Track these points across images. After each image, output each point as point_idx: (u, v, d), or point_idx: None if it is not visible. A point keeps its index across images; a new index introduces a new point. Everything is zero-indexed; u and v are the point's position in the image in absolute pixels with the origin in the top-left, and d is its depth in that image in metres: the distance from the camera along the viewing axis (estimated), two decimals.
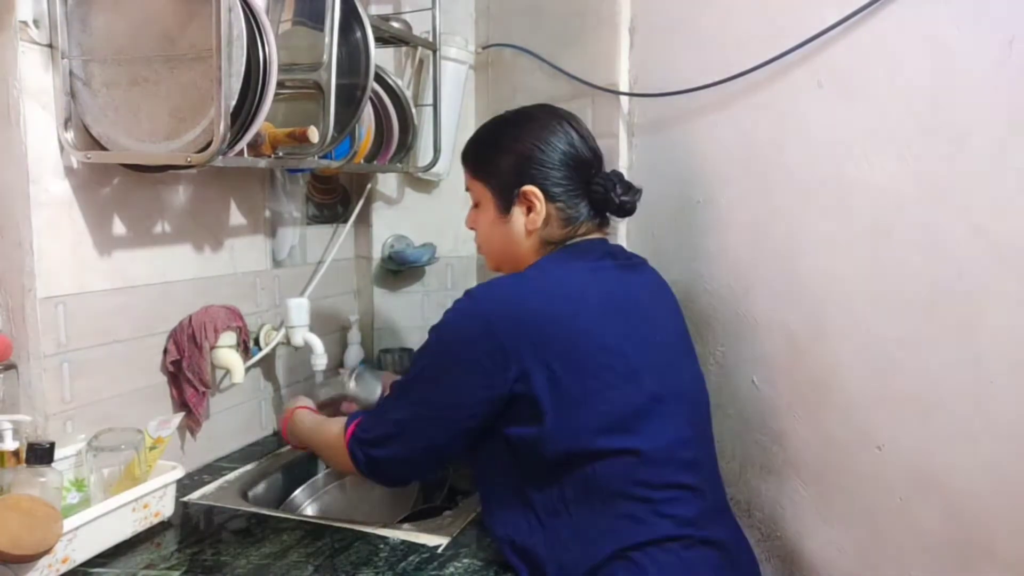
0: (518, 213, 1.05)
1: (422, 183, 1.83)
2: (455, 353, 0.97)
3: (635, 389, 0.95)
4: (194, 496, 1.26)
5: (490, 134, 1.10)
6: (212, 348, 1.31)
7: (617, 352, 0.95)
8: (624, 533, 0.91)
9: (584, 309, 0.96)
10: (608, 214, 1.08)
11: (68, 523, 0.95)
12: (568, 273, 0.99)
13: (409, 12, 1.69)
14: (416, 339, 1.87)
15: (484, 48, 1.78)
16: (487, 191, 1.08)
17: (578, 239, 1.05)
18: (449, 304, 1.02)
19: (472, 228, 1.15)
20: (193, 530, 1.15)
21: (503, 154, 1.05)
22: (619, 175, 1.06)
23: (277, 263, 1.57)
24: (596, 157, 1.07)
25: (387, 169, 1.69)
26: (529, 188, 1.03)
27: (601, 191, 1.03)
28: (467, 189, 1.13)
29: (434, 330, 1.01)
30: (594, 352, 0.94)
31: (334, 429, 1.09)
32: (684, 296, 1.27)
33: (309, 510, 1.44)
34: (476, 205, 1.12)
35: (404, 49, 1.75)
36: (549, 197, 1.03)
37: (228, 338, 1.34)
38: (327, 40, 1.19)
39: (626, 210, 1.05)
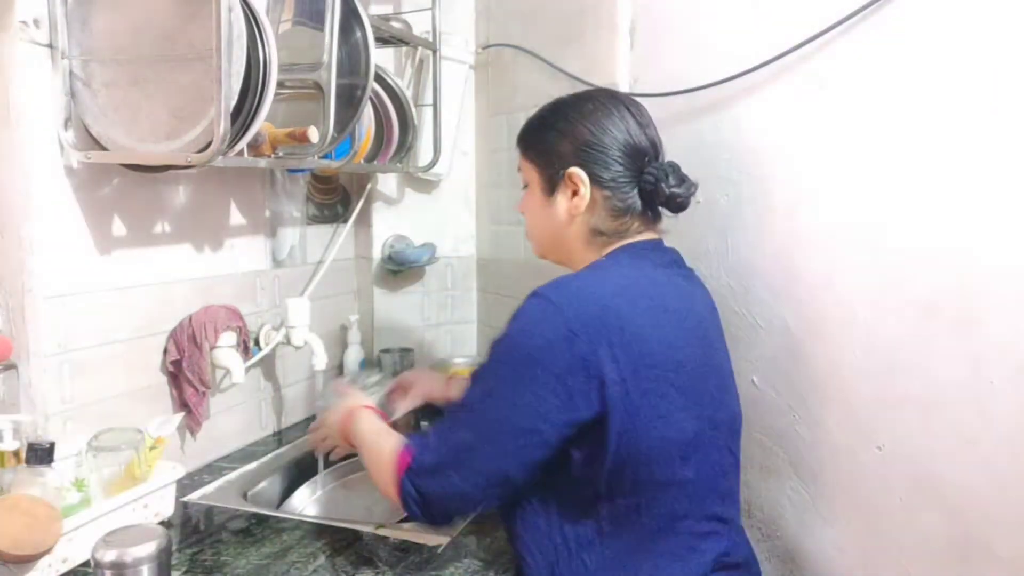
0: (561, 197, 0.98)
1: (422, 183, 1.83)
2: (532, 366, 0.84)
3: (699, 414, 0.89)
4: (194, 496, 1.26)
5: (545, 114, 1.03)
6: (212, 348, 1.31)
7: (689, 373, 0.88)
8: (665, 573, 0.88)
9: (664, 321, 0.88)
10: (660, 208, 0.99)
11: (68, 523, 0.95)
12: (644, 278, 0.92)
13: (409, 12, 1.69)
14: (416, 339, 1.87)
15: (484, 48, 1.78)
16: (535, 172, 1.02)
17: (638, 238, 0.98)
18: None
19: (522, 212, 1.07)
20: (193, 530, 1.15)
21: (554, 134, 0.99)
22: (674, 166, 0.97)
23: (277, 263, 1.57)
24: (653, 146, 0.99)
25: (387, 169, 1.69)
26: (574, 170, 0.96)
27: (652, 180, 0.95)
28: (519, 170, 1.06)
29: (503, 341, 0.89)
30: (669, 368, 0.86)
31: (388, 446, 0.95)
32: None
33: (309, 510, 1.43)
34: (526, 187, 1.06)
35: (404, 49, 1.75)
36: (596, 182, 0.96)
37: (228, 338, 1.34)
38: (327, 40, 1.19)
39: (676, 203, 0.96)
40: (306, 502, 1.45)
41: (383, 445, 0.97)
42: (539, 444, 0.86)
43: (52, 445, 0.99)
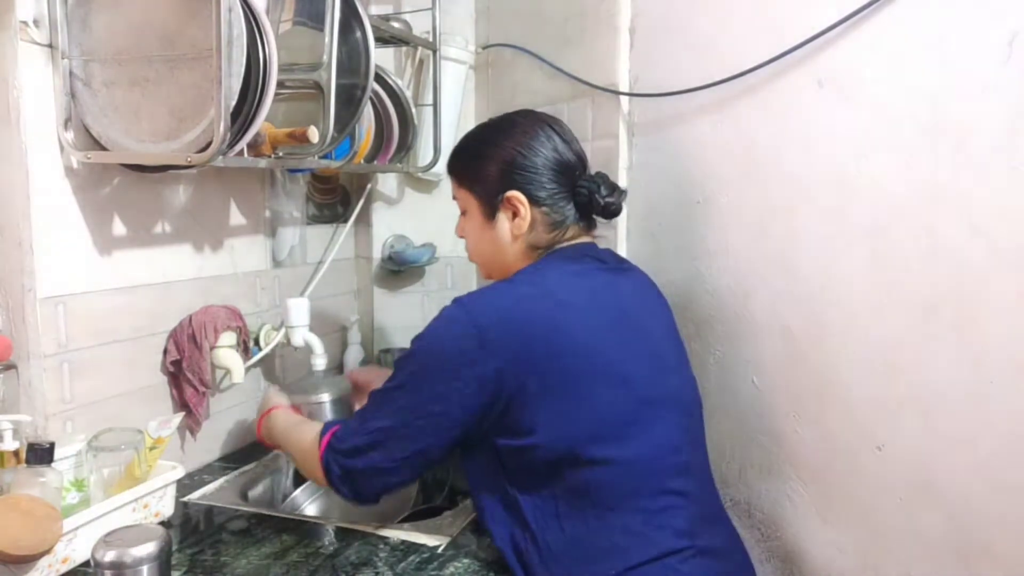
0: (503, 219, 1.05)
1: (422, 183, 1.83)
2: (444, 361, 0.94)
3: (625, 395, 0.94)
4: (194, 496, 1.26)
5: (473, 142, 1.10)
6: (212, 348, 1.31)
7: (607, 358, 0.94)
8: (624, 552, 0.90)
9: (574, 315, 0.94)
10: (595, 216, 1.07)
11: (68, 523, 0.95)
12: (558, 278, 0.98)
13: (409, 12, 1.69)
14: None
15: (484, 48, 1.78)
16: (472, 198, 1.08)
17: (566, 243, 1.05)
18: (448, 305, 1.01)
19: (461, 236, 1.15)
20: (193, 530, 1.15)
21: (486, 161, 1.05)
22: (604, 177, 1.05)
23: (277, 263, 1.57)
24: (580, 160, 1.06)
25: (387, 169, 1.69)
26: (513, 193, 1.02)
27: (586, 193, 1.03)
28: (454, 198, 1.12)
29: (420, 338, 0.99)
30: (584, 359, 0.92)
31: (309, 435, 1.05)
32: (684, 296, 1.27)
33: (309, 510, 1.44)
34: (464, 213, 1.12)
35: (404, 49, 1.75)
36: (534, 201, 1.03)
37: (228, 338, 1.34)
38: (327, 40, 1.19)
39: (611, 211, 1.04)
40: (306, 502, 1.45)
41: (304, 434, 1.06)
42: (450, 426, 0.94)
43: (52, 445, 0.99)
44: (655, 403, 0.96)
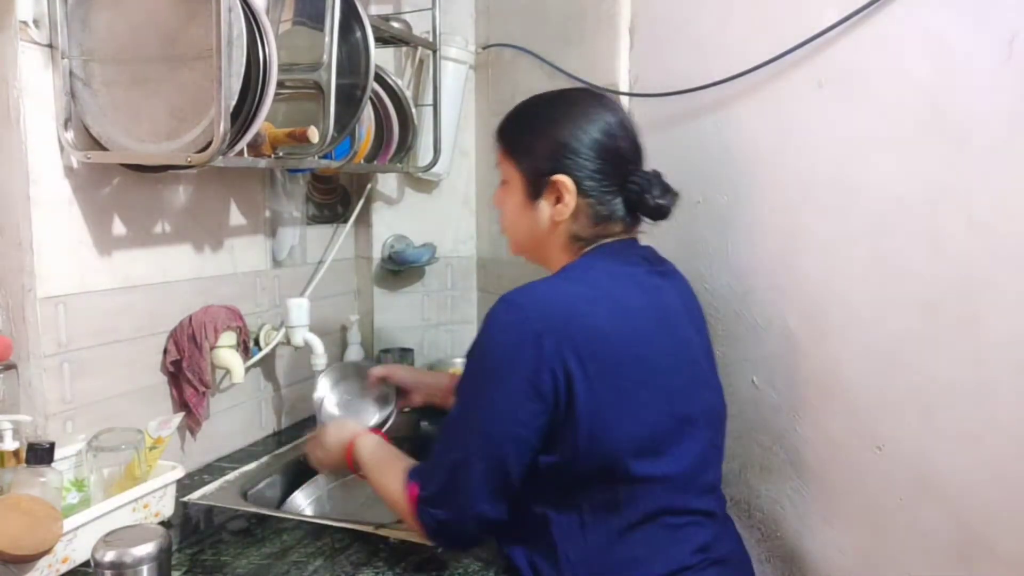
0: (545, 202, 0.97)
1: (422, 183, 1.83)
2: (504, 372, 0.86)
3: (667, 411, 0.89)
4: (194, 496, 1.26)
5: (528, 112, 1.01)
6: (212, 348, 1.31)
7: (654, 370, 0.89)
8: (643, 564, 0.88)
9: (628, 323, 0.89)
10: (641, 215, 1.00)
11: (68, 523, 0.95)
12: (611, 280, 0.92)
13: (409, 12, 1.69)
14: (416, 339, 1.87)
15: (484, 48, 1.78)
16: (516, 173, 1.00)
17: (610, 239, 0.98)
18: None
19: (498, 206, 1.06)
20: (193, 530, 1.15)
21: (537, 136, 0.97)
22: (658, 175, 0.97)
23: (277, 263, 1.57)
24: (637, 152, 0.99)
25: (387, 169, 1.69)
26: (560, 178, 0.94)
27: (637, 190, 0.95)
28: (497, 165, 1.04)
29: (475, 350, 0.90)
30: (634, 370, 0.87)
31: (395, 482, 0.96)
32: None
33: (309, 510, 1.44)
34: (504, 183, 1.03)
35: (404, 49, 1.75)
36: (581, 190, 0.95)
37: (228, 338, 1.34)
38: (327, 40, 1.19)
39: (661, 213, 0.96)
40: (306, 502, 1.45)
41: (389, 480, 0.98)
42: (526, 449, 0.87)
43: (52, 445, 0.99)
44: (691, 420, 0.92)
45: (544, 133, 0.97)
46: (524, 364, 0.84)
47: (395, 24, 1.58)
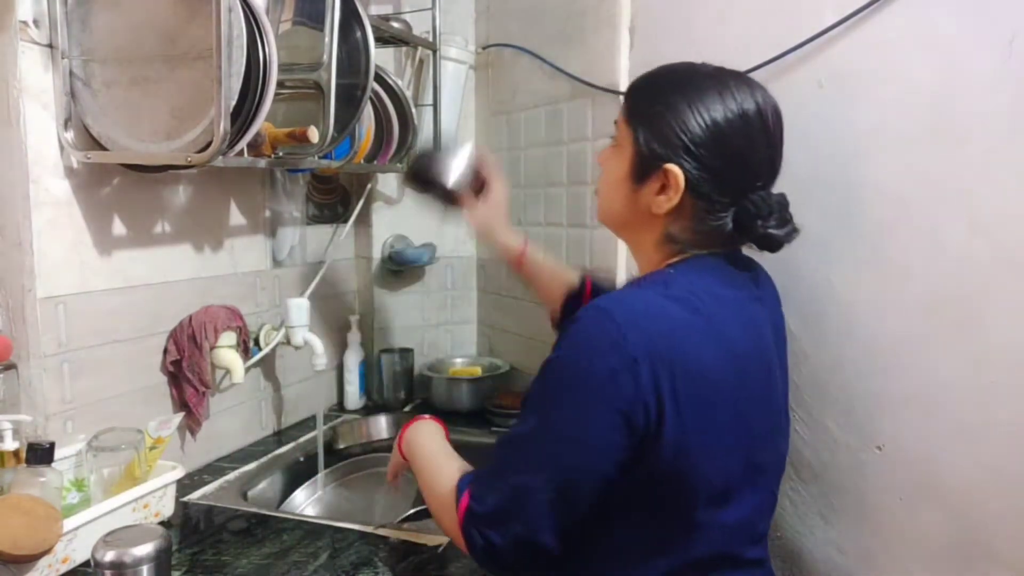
0: (649, 188, 0.85)
1: None
2: (594, 398, 0.75)
3: (747, 457, 0.81)
4: (194, 496, 1.26)
5: (671, 82, 0.87)
6: (212, 348, 1.31)
7: (746, 416, 0.81)
8: None
9: (732, 362, 0.79)
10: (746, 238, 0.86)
11: (68, 523, 0.95)
12: (716, 304, 0.81)
13: (409, 12, 1.69)
14: (416, 339, 1.87)
15: (484, 48, 1.78)
16: (631, 143, 0.87)
17: (714, 250, 0.87)
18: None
19: (601, 165, 0.94)
20: (193, 530, 1.15)
21: (670, 113, 0.83)
22: (783, 202, 0.85)
23: (277, 263, 1.57)
24: (770, 170, 0.86)
25: (387, 169, 1.69)
26: (673, 168, 0.82)
27: (752, 211, 0.82)
28: (615, 121, 0.92)
29: (560, 362, 0.78)
30: (727, 413, 0.78)
31: (446, 483, 0.85)
32: None
33: (309, 510, 1.44)
34: (615, 145, 0.91)
35: (404, 49, 1.75)
36: (692, 189, 0.83)
37: (228, 338, 1.34)
38: (327, 40, 1.19)
39: (768, 245, 0.84)
40: (306, 502, 1.45)
41: (441, 479, 0.87)
42: (602, 483, 0.77)
43: (52, 445, 0.99)
44: (761, 469, 0.85)
45: (677, 112, 0.83)
46: (617, 393, 0.74)
47: (395, 24, 1.58)
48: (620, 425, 0.74)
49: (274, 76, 1.06)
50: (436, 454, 0.94)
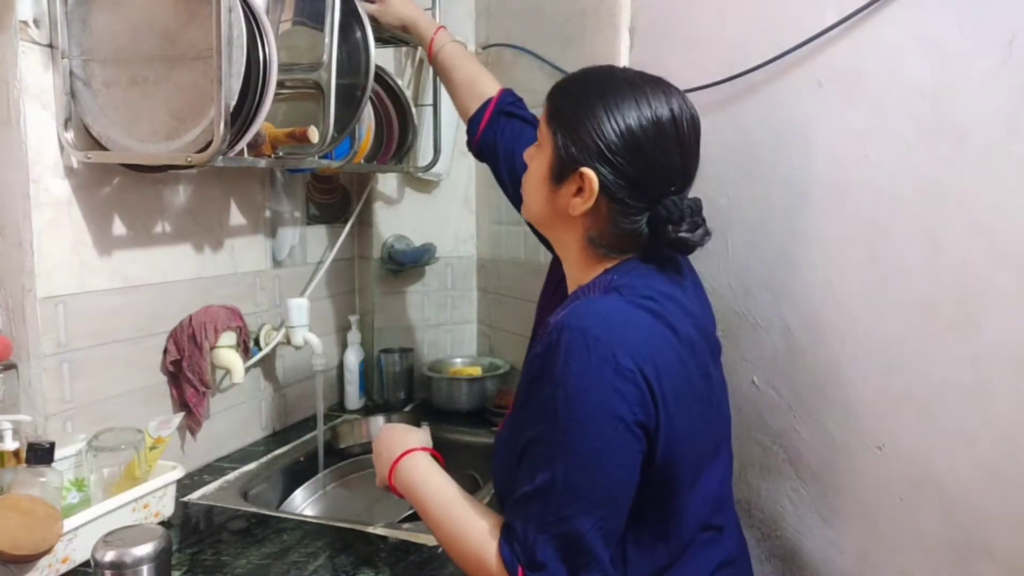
0: (566, 189, 0.87)
1: (422, 183, 1.83)
2: (607, 416, 0.76)
3: (711, 433, 0.87)
4: (194, 496, 1.26)
5: (589, 86, 0.88)
6: (212, 348, 1.31)
7: (704, 401, 0.85)
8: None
9: (692, 356, 0.83)
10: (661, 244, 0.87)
11: (68, 523, 0.95)
12: (671, 305, 0.84)
13: None
14: (416, 339, 1.87)
15: (484, 48, 1.78)
16: (550, 145, 0.88)
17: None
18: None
19: (527, 163, 0.96)
20: (193, 530, 1.15)
21: (587, 119, 0.84)
22: (695, 207, 0.87)
23: (277, 263, 1.57)
24: (684, 174, 0.88)
25: (387, 169, 1.69)
26: (587, 172, 0.83)
27: (663, 215, 0.84)
28: (539, 121, 0.94)
29: (561, 394, 0.77)
30: (694, 403, 0.83)
31: (474, 544, 0.83)
32: None
33: (309, 510, 1.44)
34: (539, 144, 0.93)
35: (404, 49, 1.75)
36: (607, 193, 0.84)
37: (228, 338, 1.34)
38: (327, 40, 1.19)
39: (679, 248, 0.86)
40: (306, 502, 1.45)
41: (467, 536, 0.84)
42: (632, 494, 0.80)
43: (52, 445, 0.99)
44: (720, 441, 0.91)
45: (593, 117, 0.84)
46: (627, 407, 0.76)
47: None
48: (638, 435, 0.77)
49: (274, 76, 1.06)
50: (449, 503, 0.89)
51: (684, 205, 0.86)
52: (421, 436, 1.00)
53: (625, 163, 0.83)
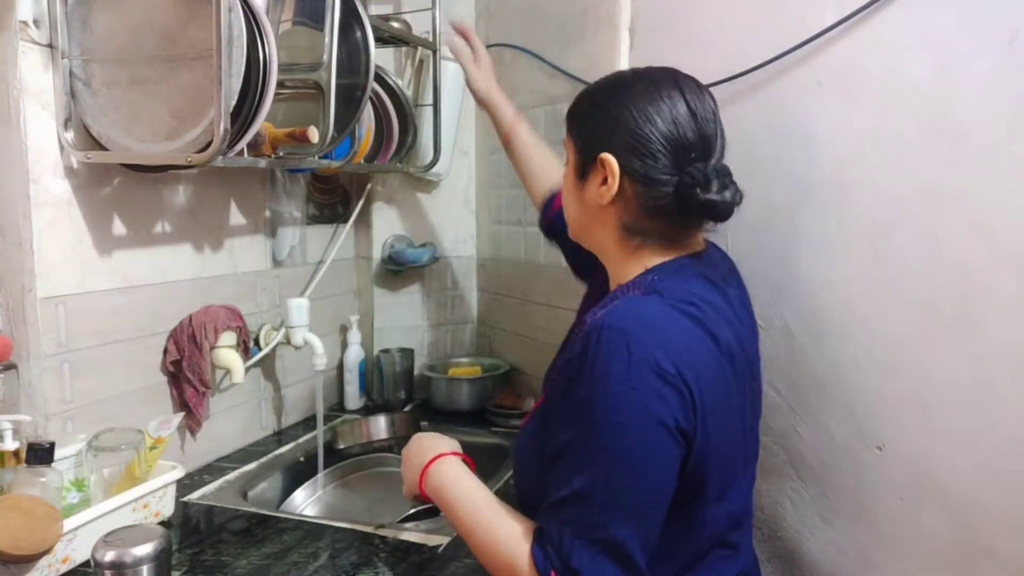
0: (592, 183, 0.88)
1: (422, 183, 1.83)
2: (648, 422, 0.74)
3: (742, 451, 0.86)
4: (194, 496, 1.26)
5: (597, 89, 0.92)
6: (212, 348, 1.31)
7: (740, 411, 0.84)
8: None
9: (731, 366, 0.82)
10: (695, 215, 0.86)
11: (68, 523, 0.95)
12: (711, 310, 0.82)
13: (409, 12, 1.69)
14: (416, 339, 1.87)
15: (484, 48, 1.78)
16: (572, 150, 0.92)
17: (683, 252, 0.89)
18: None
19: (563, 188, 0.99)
20: (193, 530, 1.15)
21: (596, 113, 0.89)
22: (721, 170, 0.85)
23: (277, 263, 1.57)
24: (703, 142, 0.85)
25: (387, 169, 1.69)
26: (605, 156, 0.85)
27: (689, 182, 0.82)
28: (564, 143, 0.96)
29: (598, 396, 0.75)
30: (728, 414, 0.81)
31: (504, 549, 0.81)
32: None
33: (309, 510, 1.44)
34: (566, 163, 0.95)
35: (404, 49, 1.75)
36: (629, 174, 0.85)
37: (228, 338, 1.34)
38: (327, 40, 1.19)
39: (711, 212, 0.84)
40: (306, 502, 1.45)
41: (498, 542, 0.82)
42: (670, 499, 0.78)
43: (52, 445, 0.99)
44: (750, 456, 0.90)
45: (602, 109, 0.88)
46: (668, 411, 0.74)
47: (395, 24, 1.58)
48: (679, 441, 0.76)
49: (274, 76, 1.06)
50: (480, 507, 0.87)
51: (711, 168, 0.84)
52: (452, 442, 0.98)
53: (637, 138, 0.84)
